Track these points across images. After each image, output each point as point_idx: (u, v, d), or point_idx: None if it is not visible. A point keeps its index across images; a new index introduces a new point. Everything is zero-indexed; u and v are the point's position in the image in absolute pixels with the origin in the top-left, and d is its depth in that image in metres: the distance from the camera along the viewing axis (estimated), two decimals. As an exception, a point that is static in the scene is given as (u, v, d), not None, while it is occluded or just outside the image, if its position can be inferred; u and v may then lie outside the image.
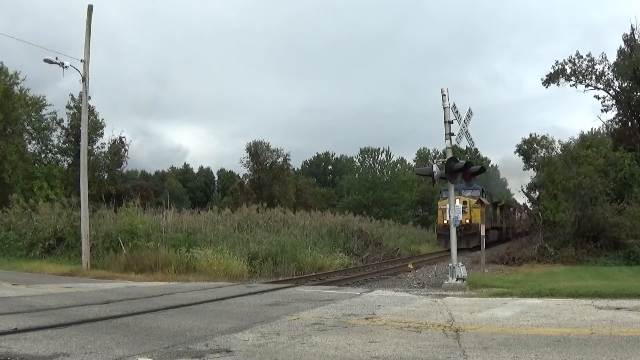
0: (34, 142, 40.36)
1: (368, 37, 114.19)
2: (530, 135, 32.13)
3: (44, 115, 39.71)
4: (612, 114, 31.08)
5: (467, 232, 28.71)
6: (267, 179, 52.23)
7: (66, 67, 17.91)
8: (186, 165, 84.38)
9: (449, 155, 12.88)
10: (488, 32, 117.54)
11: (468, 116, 13.51)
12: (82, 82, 18.66)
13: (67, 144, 40.35)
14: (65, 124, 40.08)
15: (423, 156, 71.31)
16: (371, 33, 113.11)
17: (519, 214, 37.03)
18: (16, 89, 37.06)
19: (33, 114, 39.09)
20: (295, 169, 69.66)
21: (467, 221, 29.13)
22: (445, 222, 29.04)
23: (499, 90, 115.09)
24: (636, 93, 28.56)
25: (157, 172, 75.68)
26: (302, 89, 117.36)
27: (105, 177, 40.60)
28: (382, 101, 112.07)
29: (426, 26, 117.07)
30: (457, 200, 28.64)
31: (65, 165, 40.50)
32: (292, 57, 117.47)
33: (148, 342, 6.14)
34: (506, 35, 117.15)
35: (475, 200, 30.32)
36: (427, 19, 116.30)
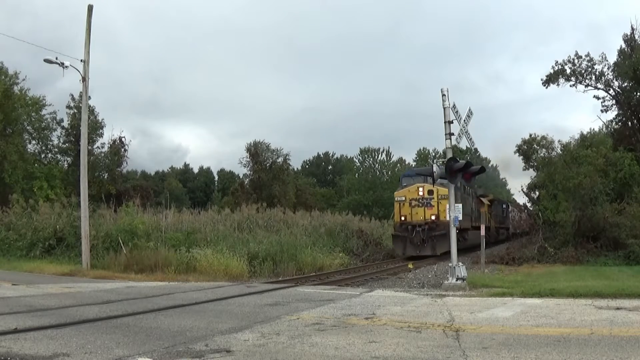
0: (34, 142, 40.43)
1: (368, 35, 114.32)
2: (530, 135, 32.11)
3: (44, 115, 39.78)
4: (612, 114, 31.10)
5: (432, 232, 22.63)
6: (267, 179, 52.23)
7: (66, 67, 17.91)
8: (186, 165, 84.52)
9: (449, 155, 12.89)
10: (489, 30, 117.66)
11: (468, 116, 13.52)
12: (82, 82, 18.67)
13: (67, 144, 40.37)
14: (65, 124, 40.15)
15: (423, 156, 71.36)
16: (371, 32, 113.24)
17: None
18: (16, 89, 37.08)
19: (33, 114, 39.10)
20: (295, 169, 69.73)
21: (433, 217, 22.89)
22: (402, 218, 23.82)
23: (500, 90, 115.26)
24: (636, 93, 28.53)
25: (157, 172, 75.76)
26: (302, 88, 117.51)
27: (105, 177, 40.63)
28: (382, 100, 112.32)
29: (426, 25, 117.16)
30: (421, 189, 23.12)
31: (65, 165, 40.54)
32: (292, 56, 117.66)
33: (148, 342, 6.14)
34: (507, 34, 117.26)
35: (447, 189, 24.54)
36: (428, 18, 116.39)
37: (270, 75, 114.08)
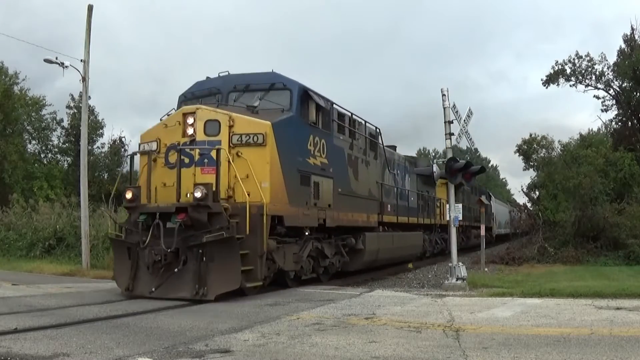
0: (34, 142, 40.52)
1: (369, 34, 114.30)
2: (530, 135, 32.26)
3: (44, 115, 39.84)
4: (612, 114, 31.20)
5: (194, 237, 9.27)
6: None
7: (66, 67, 17.89)
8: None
9: (449, 155, 12.88)
10: (492, 28, 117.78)
11: (468, 116, 13.52)
12: (82, 82, 18.63)
13: (67, 144, 40.43)
14: (65, 124, 40.21)
15: (423, 156, 71.38)
16: (372, 30, 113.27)
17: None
18: (16, 88, 37.15)
19: (33, 114, 39.16)
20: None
21: (200, 194, 8.99)
22: (130, 196, 9.97)
23: (503, 89, 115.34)
24: (636, 93, 28.60)
25: (157, 172, 75.55)
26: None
27: (105, 177, 40.66)
28: (382, 99, 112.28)
29: (428, 23, 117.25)
30: (190, 121, 9.39)
31: (65, 165, 40.57)
32: (292, 55, 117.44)
33: (148, 342, 6.14)
34: (510, 32, 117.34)
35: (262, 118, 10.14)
36: (429, 16, 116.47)
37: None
